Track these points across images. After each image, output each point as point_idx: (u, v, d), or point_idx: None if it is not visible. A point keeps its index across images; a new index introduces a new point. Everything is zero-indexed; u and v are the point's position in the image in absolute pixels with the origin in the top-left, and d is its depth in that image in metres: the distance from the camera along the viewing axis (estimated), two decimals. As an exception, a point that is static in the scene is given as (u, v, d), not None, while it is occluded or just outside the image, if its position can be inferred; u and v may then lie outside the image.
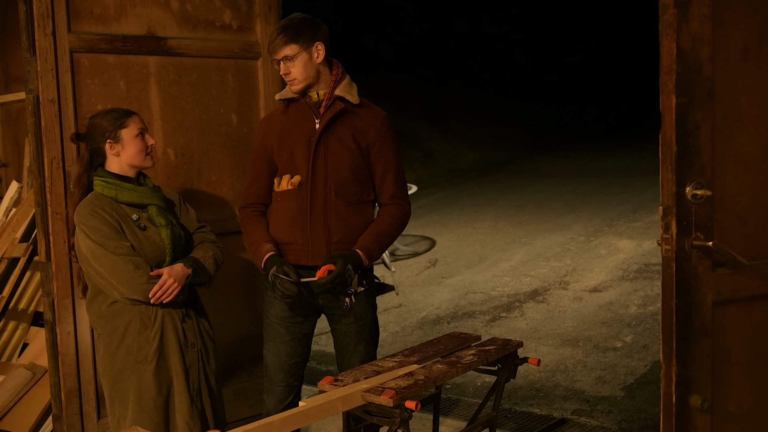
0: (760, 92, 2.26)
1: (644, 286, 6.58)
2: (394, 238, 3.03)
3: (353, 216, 2.94)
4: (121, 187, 2.87)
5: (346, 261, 2.79)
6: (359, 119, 2.95)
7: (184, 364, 2.91)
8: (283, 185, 2.96)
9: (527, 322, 5.92)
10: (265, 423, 2.24)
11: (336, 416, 2.57)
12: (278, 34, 2.86)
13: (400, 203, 3.03)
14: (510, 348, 2.96)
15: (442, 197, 12.29)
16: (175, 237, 2.90)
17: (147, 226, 2.87)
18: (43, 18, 3.20)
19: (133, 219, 2.86)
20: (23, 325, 4.08)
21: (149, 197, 2.91)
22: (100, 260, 2.78)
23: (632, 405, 4.26)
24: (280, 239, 2.95)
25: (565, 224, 9.35)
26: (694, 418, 2.17)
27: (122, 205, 2.88)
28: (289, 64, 2.87)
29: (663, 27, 2.09)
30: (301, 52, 2.86)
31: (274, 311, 3.01)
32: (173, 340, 2.88)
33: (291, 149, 2.94)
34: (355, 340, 3.00)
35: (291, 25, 2.89)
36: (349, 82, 2.96)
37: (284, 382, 3.02)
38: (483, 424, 3.03)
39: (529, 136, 18.79)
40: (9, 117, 4.97)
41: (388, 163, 2.99)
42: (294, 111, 2.98)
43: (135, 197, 2.89)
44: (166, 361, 2.88)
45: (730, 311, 2.22)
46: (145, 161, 2.92)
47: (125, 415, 2.88)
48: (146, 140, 2.91)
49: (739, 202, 2.24)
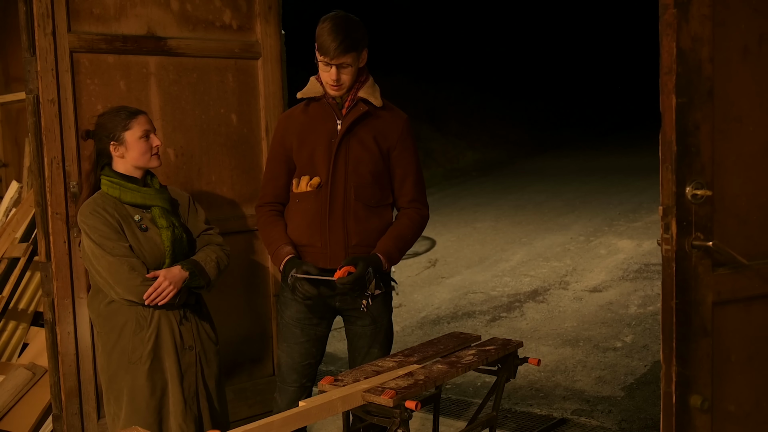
0: (760, 92, 2.26)
1: (644, 286, 6.58)
2: (413, 242, 2.99)
3: (372, 219, 2.91)
4: (125, 187, 2.87)
5: (367, 263, 2.76)
6: (381, 122, 2.92)
7: (180, 367, 2.90)
8: (302, 186, 2.92)
9: (527, 322, 5.92)
10: (265, 423, 2.24)
11: (336, 416, 2.57)
12: (342, 40, 2.72)
13: (419, 207, 3.00)
14: (510, 348, 2.96)
15: (442, 197, 12.29)
16: (175, 239, 2.89)
17: (149, 227, 2.87)
18: (43, 18, 3.20)
19: (135, 220, 2.86)
20: (23, 325, 4.08)
21: (153, 198, 2.90)
22: (98, 259, 2.79)
23: (632, 405, 4.26)
24: (298, 241, 2.91)
25: (565, 224, 9.35)
26: (694, 418, 2.17)
27: (126, 205, 2.87)
28: (344, 71, 2.79)
29: (663, 27, 2.09)
30: (356, 60, 2.80)
31: (289, 312, 2.99)
32: (169, 342, 2.87)
33: (311, 149, 2.89)
34: (369, 342, 3.00)
35: (352, 30, 2.77)
36: (372, 83, 2.92)
37: (297, 383, 3.01)
38: (483, 424, 3.03)
39: (529, 136, 18.80)
40: (9, 117, 4.98)
41: (408, 166, 2.96)
42: (315, 110, 2.92)
43: (138, 198, 2.88)
44: (161, 363, 2.87)
45: (730, 311, 2.22)
46: (150, 162, 2.90)
47: (119, 414, 2.89)
48: (151, 141, 2.89)
49: (739, 202, 2.24)
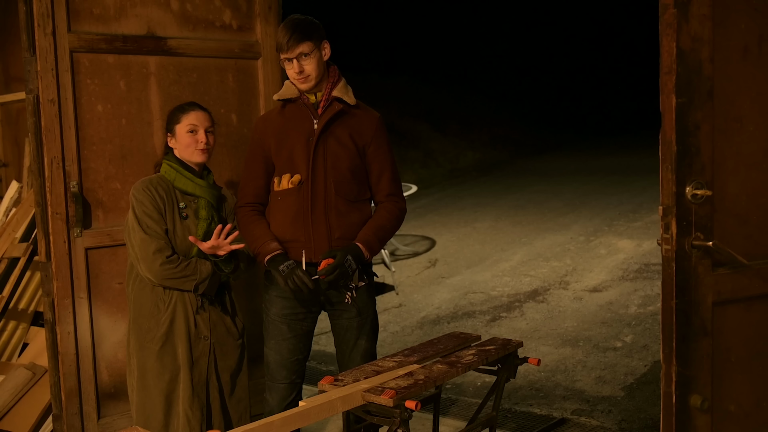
0: (760, 92, 2.26)
1: (644, 286, 6.58)
2: (392, 233, 3.09)
3: (352, 213, 2.99)
4: (180, 173, 3.03)
5: (345, 252, 2.86)
6: (356, 120, 3.01)
7: (191, 355, 3.00)
8: (284, 184, 2.99)
9: (527, 322, 5.92)
10: (265, 423, 2.24)
11: (336, 416, 2.57)
12: (292, 33, 2.87)
13: (397, 200, 3.09)
14: (510, 348, 2.96)
15: (442, 197, 12.29)
16: (208, 233, 3.00)
17: (189, 216, 3.02)
18: (43, 18, 3.20)
19: (180, 206, 3.02)
20: (23, 325, 4.08)
21: (202, 191, 3.04)
22: (134, 233, 2.95)
23: (632, 405, 4.26)
24: (282, 237, 2.97)
25: (565, 224, 9.35)
26: (694, 418, 2.17)
27: (178, 191, 3.03)
28: (304, 62, 2.90)
29: (663, 27, 2.10)
30: (314, 50, 2.90)
31: (275, 309, 3.03)
32: (182, 328, 2.99)
33: (290, 149, 2.98)
34: (356, 334, 3.03)
35: (302, 23, 2.92)
36: (345, 84, 3.02)
37: (287, 380, 3.04)
38: (483, 424, 3.03)
39: (529, 136, 18.79)
40: (9, 117, 4.97)
41: (383, 162, 3.05)
42: (291, 111, 3.02)
43: (190, 186, 3.03)
44: (173, 347, 3.00)
45: (730, 311, 2.23)
46: (193, 155, 3.04)
47: (134, 386, 3.06)
48: (198, 136, 3.02)
49: (739, 202, 2.24)
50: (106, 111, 3.42)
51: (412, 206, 10.95)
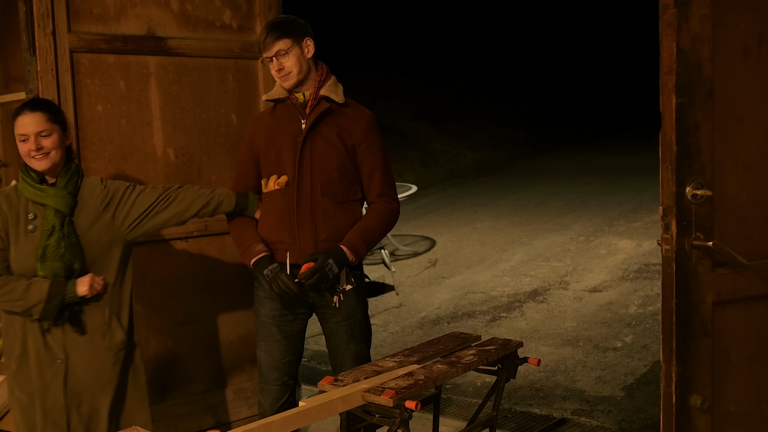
0: (760, 92, 2.26)
1: (644, 286, 6.58)
2: (382, 235, 3.03)
3: (341, 214, 2.95)
4: (24, 181, 2.72)
5: (327, 256, 2.83)
6: (345, 119, 2.98)
7: (43, 378, 2.73)
8: (271, 185, 2.98)
9: (527, 322, 5.92)
10: (265, 423, 2.24)
11: (336, 416, 2.57)
12: (269, 31, 2.92)
13: (388, 201, 3.04)
14: (510, 348, 2.96)
15: (442, 197, 12.29)
16: (50, 246, 2.66)
17: (36, 228, 2.69)
18: (43, 18, 3.20)
19: (29, 218, 2.71)
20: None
21: (45, 198, 2.70)
22: None
23: (632, 405, 4.26)
24: (267, 238, 2.97)
25: (565, 224, 9.35)
26: (694, 418, 2.17)
27: (29, 201, 2.72)
28: (283, 59, 2.91)
29: (663, 27, 2.10)
30: (293, 47, 2.91)
31: (264, 311, 3.02)
32: (32, 349, 2.72)
33: (278, 150, 2.97)
34: (346, 338, 3.02)
35: (280, 21, 2.97)
36: (334, 82, 3.00)
37: (279, 381, 3.02)
38: (483, 424, 3.03)
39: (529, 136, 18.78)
40: (9, 117, 4.96)
41: (374, 161, 3.00)
42: (281, 112, 3.02)
43: (33, 195, 2.70)
44: (29, 369, 2.73)
45: (730, 311, 2.23)
46: (32, 164, 2.69)
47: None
48: (29, 146, 2.67)
49: (739, 202, 2.24)
50: (106, 111, 3.42)
51: (412, 206, 10.96)
